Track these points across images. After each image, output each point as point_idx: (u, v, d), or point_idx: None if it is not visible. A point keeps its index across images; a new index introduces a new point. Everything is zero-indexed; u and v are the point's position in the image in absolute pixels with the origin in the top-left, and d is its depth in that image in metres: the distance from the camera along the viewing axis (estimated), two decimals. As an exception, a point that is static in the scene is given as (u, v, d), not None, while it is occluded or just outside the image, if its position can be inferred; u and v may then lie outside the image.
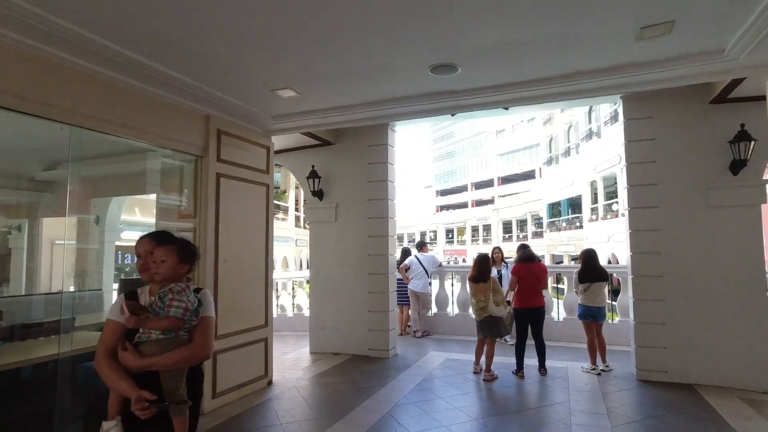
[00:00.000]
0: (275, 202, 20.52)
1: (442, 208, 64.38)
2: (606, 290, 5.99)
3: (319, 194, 6.89)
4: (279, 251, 18.65)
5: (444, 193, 67.17)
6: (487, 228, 46.07)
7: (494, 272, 6.40)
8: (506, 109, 5.02)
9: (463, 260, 49.49)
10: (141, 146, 4.18)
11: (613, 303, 7.67)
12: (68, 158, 6.32)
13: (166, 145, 4.14)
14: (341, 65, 3.77)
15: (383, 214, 6.51)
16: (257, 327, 4.99)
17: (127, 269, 7.78)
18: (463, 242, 50.14)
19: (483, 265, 5.69)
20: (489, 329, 5.56)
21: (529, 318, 5.72)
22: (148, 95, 3.86)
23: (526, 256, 5.91)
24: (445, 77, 4.02)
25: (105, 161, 5.67)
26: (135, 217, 8.48)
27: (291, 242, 21.33)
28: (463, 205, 58.68)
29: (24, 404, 3.49)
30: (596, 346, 5.63)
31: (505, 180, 52.37)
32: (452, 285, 8.35)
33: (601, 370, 5.53)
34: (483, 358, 5.58)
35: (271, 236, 5.28)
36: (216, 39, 3.26)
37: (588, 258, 5.75)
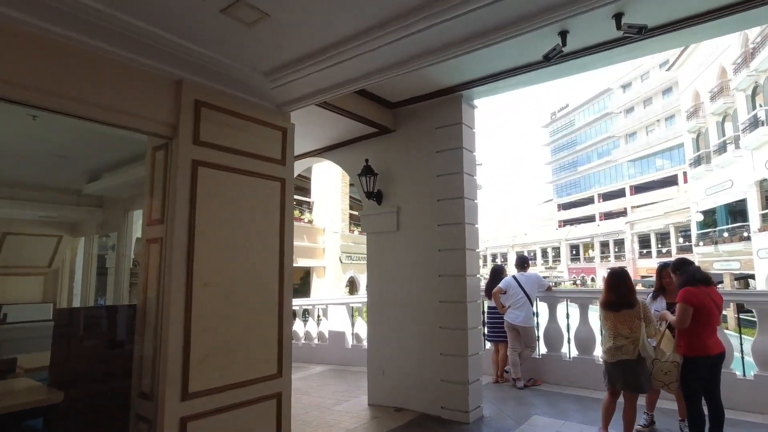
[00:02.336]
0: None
1: (565, 222, 58.84)
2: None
3: (376, 197, 5.33)
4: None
5: (567, 206, 61.55)
6: (619, 243, 40.26)
7: (653, 304, 4.27)
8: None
9: (592, 280, 44.17)
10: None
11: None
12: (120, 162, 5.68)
13: (115, 121, 2.96)
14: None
15: (458, 218, 4.70)
16: (264, 378, 3.52)
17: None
18: (590, 259, 44.69)
19: (622, 284, 3.86)
20: (624, 377, 3.71)
21: (709, 371, 3.62)
22: (87, 51, 2.72)
23: (700, 276, 3.69)
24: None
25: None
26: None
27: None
28: (590, 219, 52.84)
29: None
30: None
31: (639, 189, 45.82)
32: (567, 316, 6.09)
33: None
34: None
35: (290, 250, 3.83)
36: None
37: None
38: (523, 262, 6.25)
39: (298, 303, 9.55)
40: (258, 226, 3.61)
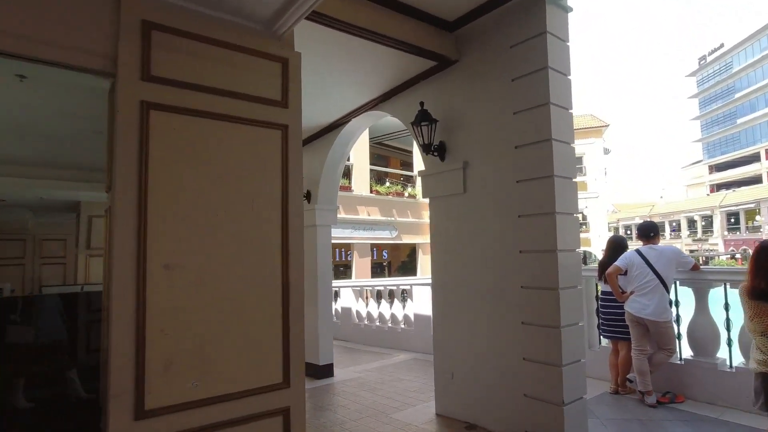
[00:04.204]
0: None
1: (719, 187, 49.87)
2: None
3: (438, 150, 4.12)
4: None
5: (721, 167, 52.04)
6: (798, 208, 32.57)
7: None
8: None
9: (757, 254, 36.70)
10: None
11: None
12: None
13: (30, 53, 2.26)
14: None
15: (545, 169, 3.30)
16: (263, 389, 2.64)
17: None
18: (755, 229, 37.17)
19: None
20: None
21: None
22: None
23: None
24: None
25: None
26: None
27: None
28: (753, 180, 43.94)
29: None
30: None
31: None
32: (726, 307, 4.23)
33: None
34: None
35: (297, 220, 2.87)
36: None
37: None
38: (648, 231, 4.47)
39: (381, 283, 8.75)
40: (248, 188, 2.69)
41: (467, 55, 3.92)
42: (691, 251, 39.67)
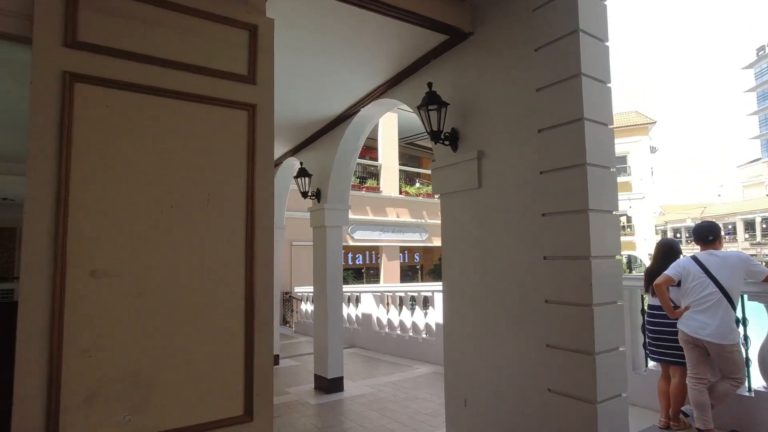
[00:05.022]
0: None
1: (781, 184, 46.30)
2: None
3: (450, 139, 3.55)
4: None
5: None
6: None
7: None
8: None
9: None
10: None
11: None
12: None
13: None
14: None
15: (575, 157, 2.67)
16: (218, 423, 2.17)
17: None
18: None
19: None
20: None
21: None
22: None
23: None
24: None
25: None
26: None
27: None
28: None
29: None
30: None
31: None
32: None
33: None
34: None
35: (265, 218, 2.38)
36: None
37: None
38: (706, 234, 3.67)
39: (403, 289, 8.20)
40: (205, 180, 2.24)
41: (483, 26, 3.33)
42: (753, 256, 36.73)
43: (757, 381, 3.65)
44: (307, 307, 11.63)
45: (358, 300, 9.21)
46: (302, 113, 5.24)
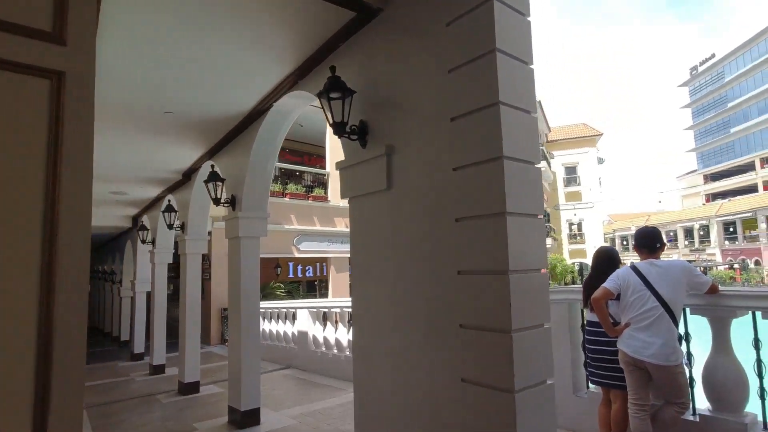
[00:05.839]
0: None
1: (714, 196, 49.31)
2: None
3: (358, 133, 3.02)
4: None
5: (716, 177, 51.57)
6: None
7: None
8: None
9: (756, 263, 35.92)
10: None
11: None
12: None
13: None
14: None
15: (490, 150, 2.19)
16: None
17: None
18: (753, 238, 36.38)
19: None
20: None
21: None
22: None
23: None
24: None
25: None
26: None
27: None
28: (749, 190, 43.39)
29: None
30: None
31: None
32: (757, 342, 3.11)
33: None
34: None
35: (81, 212, 1.74)
36: None
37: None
38: (652, 240, 3.31)
39: (339, 304, 7.58)
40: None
41: (394, 1, 2.84)
42: (689, 262, 38.75)
43: (701, 402, 3.29)
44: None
45: (294, 317, 8.52)
46: (210, 109, 4.59)
